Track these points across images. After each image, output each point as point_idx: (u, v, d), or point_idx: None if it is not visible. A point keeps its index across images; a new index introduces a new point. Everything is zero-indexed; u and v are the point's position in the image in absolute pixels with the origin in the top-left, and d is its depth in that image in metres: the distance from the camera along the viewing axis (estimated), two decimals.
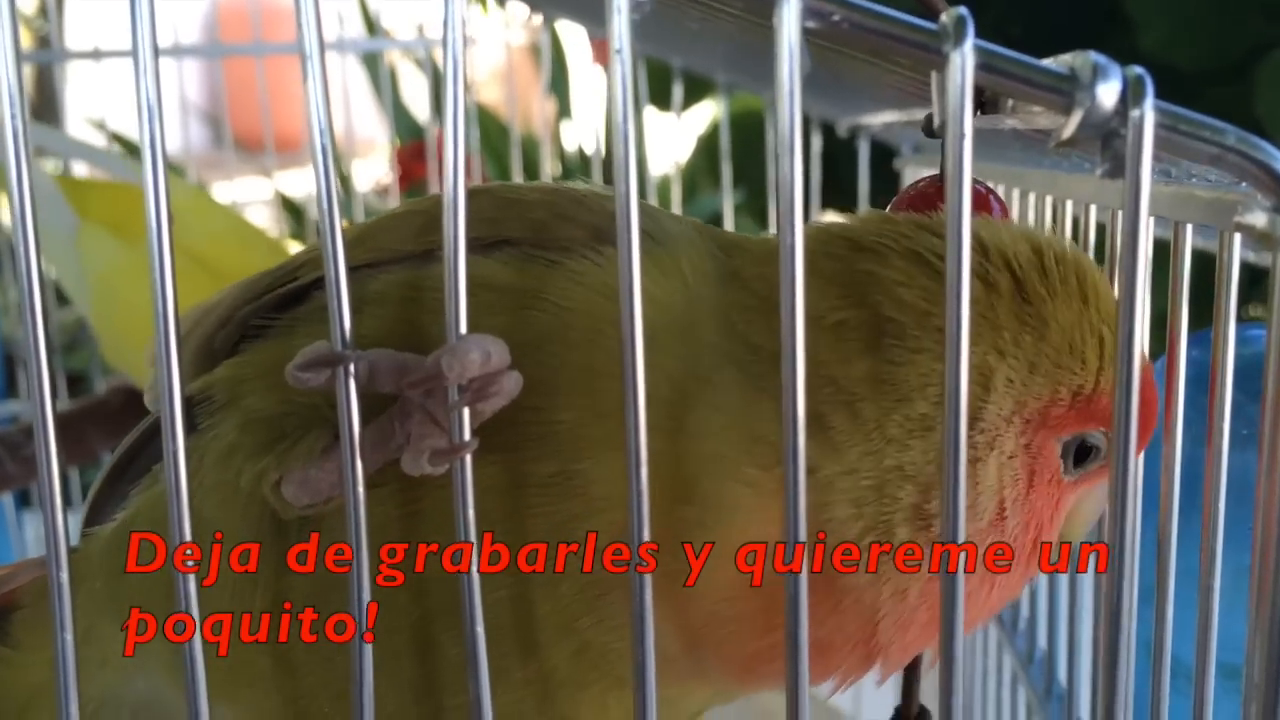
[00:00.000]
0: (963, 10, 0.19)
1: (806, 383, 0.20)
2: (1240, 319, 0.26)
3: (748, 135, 0.86)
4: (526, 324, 0.25)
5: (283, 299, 0.28)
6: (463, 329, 0.22)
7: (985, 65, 0.20)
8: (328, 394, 0.22)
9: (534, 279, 0.25)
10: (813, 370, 0.21)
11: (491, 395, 0.23)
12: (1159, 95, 0.20)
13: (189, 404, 0.27)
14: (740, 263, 0.27)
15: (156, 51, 0.21)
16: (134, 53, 0.21)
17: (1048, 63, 0.20)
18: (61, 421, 0.23)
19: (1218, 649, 0.26)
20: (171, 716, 0.28)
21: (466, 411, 0.22)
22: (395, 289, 0.26)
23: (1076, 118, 0.19)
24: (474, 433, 0.22)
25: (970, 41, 0.19)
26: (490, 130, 1.46)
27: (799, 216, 0.20)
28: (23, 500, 0.92)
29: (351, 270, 0.24)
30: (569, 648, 0.26)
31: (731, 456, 0.25)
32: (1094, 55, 0.20)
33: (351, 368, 0.22)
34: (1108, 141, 0.20)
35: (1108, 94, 0.19)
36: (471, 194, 0.28)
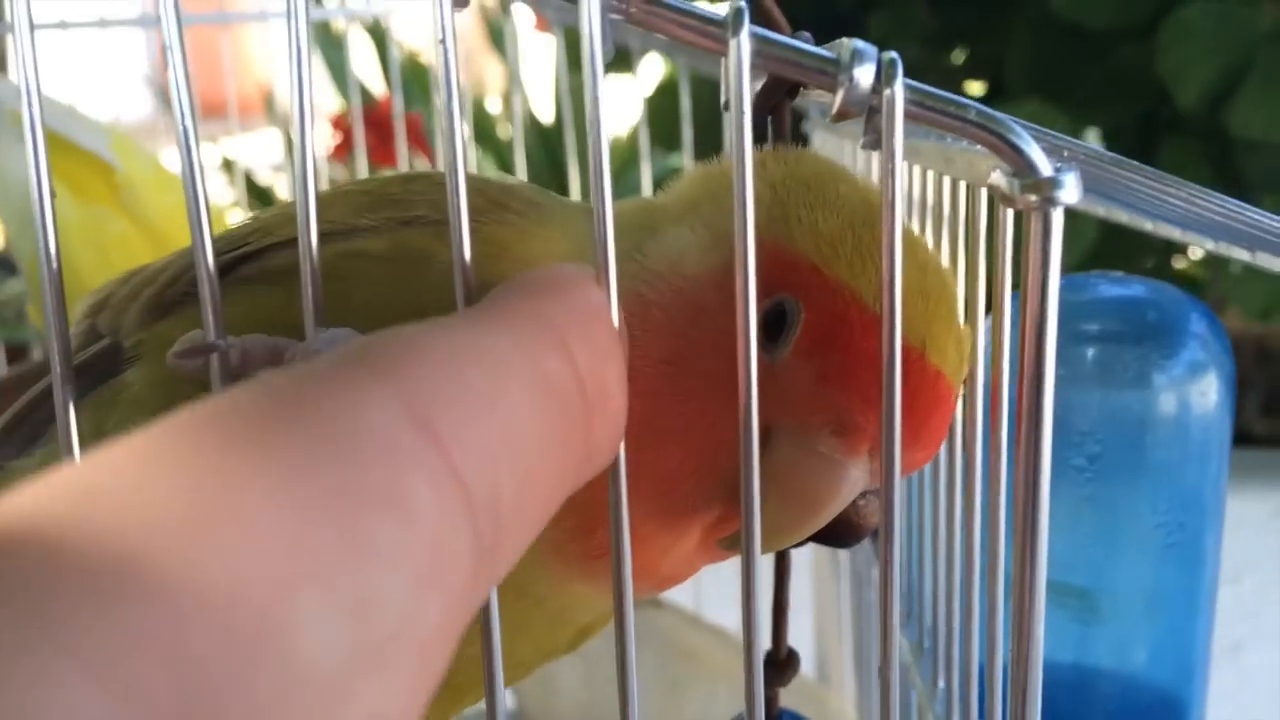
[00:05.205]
0: (741, 3, 0.22)
1: None
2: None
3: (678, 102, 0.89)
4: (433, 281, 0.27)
5: (230, 263, 0.29)
6: (313, 328, 0.25)
7: (760, 51, 0.22)
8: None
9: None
10: None
11: None
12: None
13: (119, 351, 0.30)
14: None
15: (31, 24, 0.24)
16: (14, 29, 0.23)
17: (821, 49, 0.23)
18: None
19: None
20: None
21: None
22: (333, 260, 0.27)
23: (840, 96, 0.22)
24: None
25: (746, 29, 0.22)
26: (430, 92, 1.47)
27: (608, 196, 0.23)
28: None
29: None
30: None
31: None
32: (855, 42, 0.23)
33: (223, 355, 0.25)
34: (869, 117, 0.23)
35: (864, 75, 0.22)
36: (411, 178, 0.31)
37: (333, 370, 0.17)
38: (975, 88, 1.46)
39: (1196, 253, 1.57)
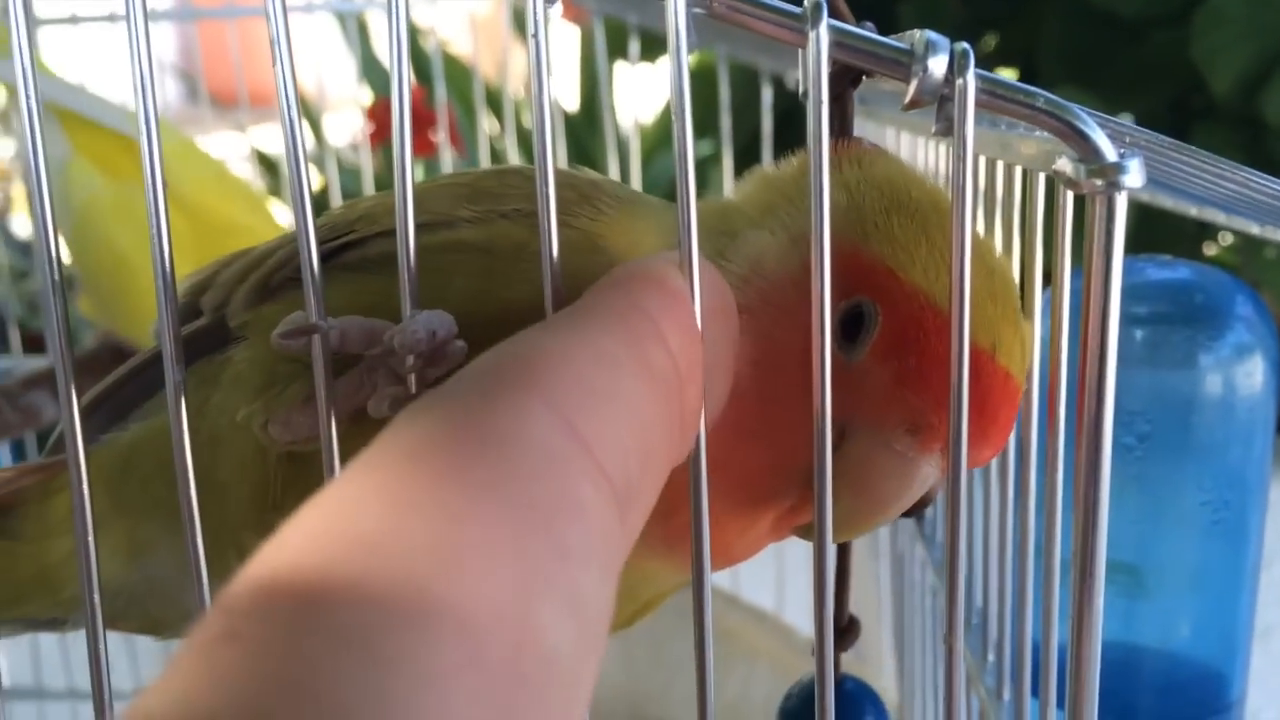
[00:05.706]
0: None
1: None
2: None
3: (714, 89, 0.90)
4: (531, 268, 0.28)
5: (335, 249, 0.30)
6: (409, 309, 0.26)
7: (837, 43, 0.24)
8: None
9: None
10: None
11: (439, 362, 0.27)
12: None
13: (227, 331, 0.32)
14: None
15: (148, 23, 0.25)
16: (128, 22, 0.25)
17: (893, 39, 0.24)
18: (51, 375, 0.27)
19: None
20: (178, 601, 0.33)
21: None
22: (433, 249, 0.28)
23: (914, 85, 0.24)
24: (429, 385, 0.27)
25: (825, 23, 0.23)
26: (462, 82, 1.48)
27: (692, 187, 0.24)
28: (18, 452, 0.96)
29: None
30: None
31: None
32: (928, 33, 0.24)
33: (324, 336, 0.26)
34: (941, 105, 0.24)
35: (937, 65, 0.23)
36: (505, 171, 0.32)
37: (484, 388, 0.19)
38: (1007, 75, 1.46)
39: (1227, 238, 1.57)
